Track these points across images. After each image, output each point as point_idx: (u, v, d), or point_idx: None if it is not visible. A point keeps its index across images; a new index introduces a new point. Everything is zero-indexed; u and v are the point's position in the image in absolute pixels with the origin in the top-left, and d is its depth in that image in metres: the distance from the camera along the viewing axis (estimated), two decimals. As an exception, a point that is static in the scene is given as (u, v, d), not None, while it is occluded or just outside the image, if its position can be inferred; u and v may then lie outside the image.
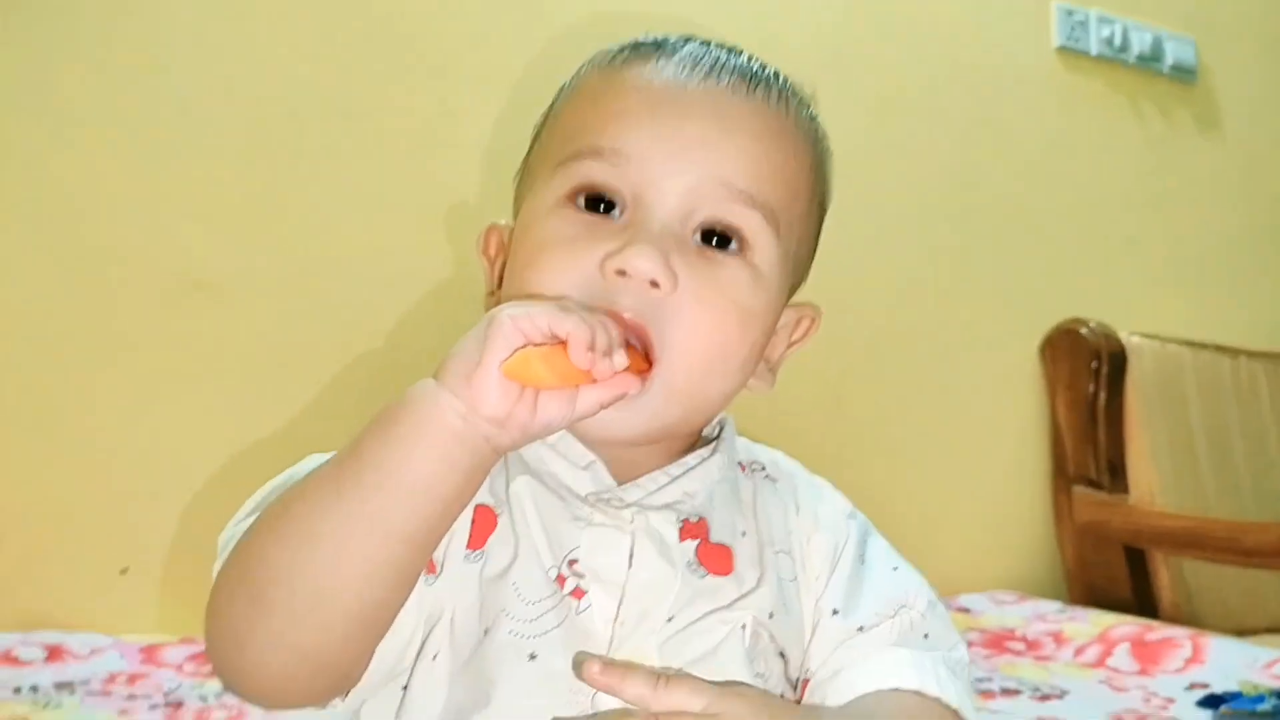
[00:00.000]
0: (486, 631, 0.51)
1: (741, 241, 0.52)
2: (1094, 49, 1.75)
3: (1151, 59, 1.81)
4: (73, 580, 1.10)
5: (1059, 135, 1.74)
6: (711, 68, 0.53)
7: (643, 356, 0.49)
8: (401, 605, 0.48)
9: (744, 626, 0.53)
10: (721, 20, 1.38)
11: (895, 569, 0.60)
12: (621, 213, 0.51)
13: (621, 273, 0.49)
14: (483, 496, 0.53)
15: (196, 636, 1.07)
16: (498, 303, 0.57)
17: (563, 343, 0.44)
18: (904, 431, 1.59)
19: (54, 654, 1.01)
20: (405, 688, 0.51)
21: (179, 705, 0.93)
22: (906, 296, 1.60)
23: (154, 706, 0.93)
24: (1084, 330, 1.69)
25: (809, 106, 0.57)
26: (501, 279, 0.58)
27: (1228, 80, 1.90)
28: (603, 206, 0.51)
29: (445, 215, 1.24)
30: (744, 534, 0.56)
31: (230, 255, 1.17)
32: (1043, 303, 1.72)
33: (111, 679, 0.98)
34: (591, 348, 0.43)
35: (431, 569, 0.51)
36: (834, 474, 1.21)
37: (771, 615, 0.54)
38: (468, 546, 0.52)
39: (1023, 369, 1.71)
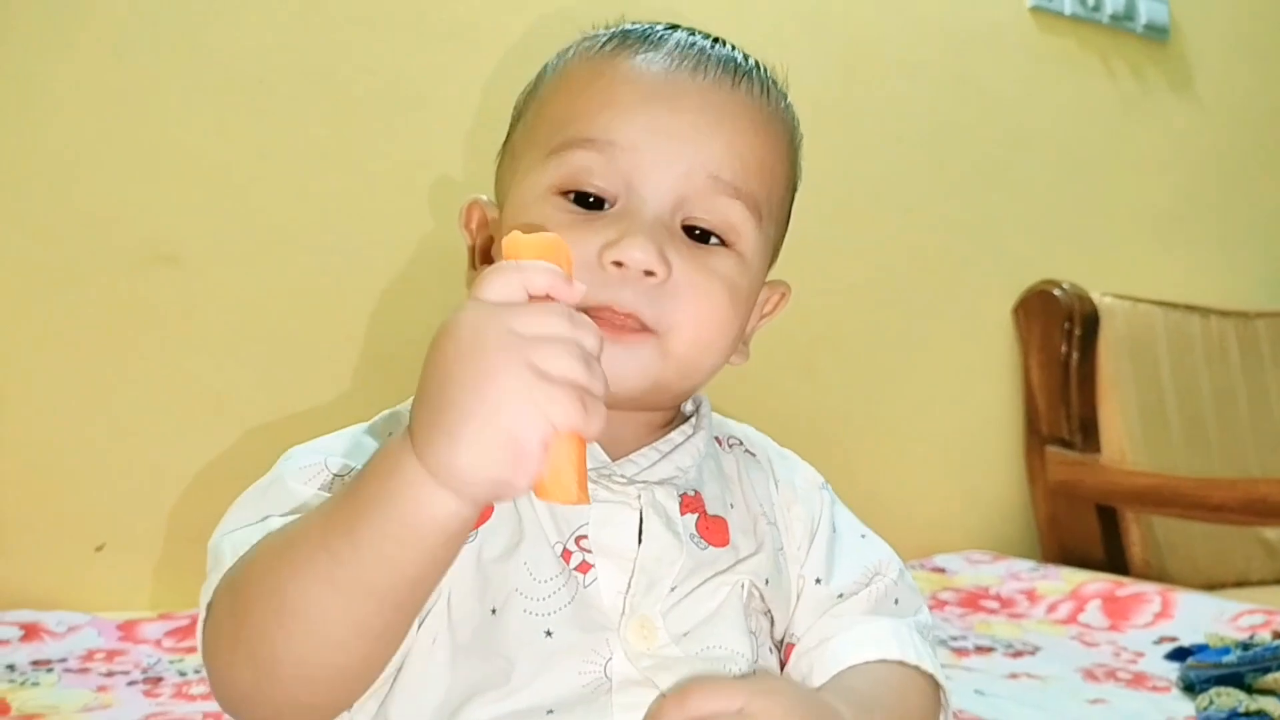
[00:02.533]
0: (494, 611, 0.51)
1: (728, 232, 0.54)
2: (1067, 8, 1.75)
3: (1124, 18, 1.81)
4: (47, 558, 1.09)
5: (1032, 95, 1.74)
6: (699, 60, 0.54)
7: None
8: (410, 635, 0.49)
9: (742, 586, 0.55)
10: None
11: (863, 536, 0.63)
12: (613, 203, 0.53)
13: (618, 264, 0.50)
14: None
15: (174, 612, 1.07)
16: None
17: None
18: (878, 396, 1.60)
19: (30, 632, 1.00)
20: (397, 672, 0.51)
21: (158, 681, 0.93)
22: (879, 260, 1.60)
23: (132, 683, 0.93)
24: (1057, 291, 1.70)
25: (785, 95, 0.59)
26: (484, 257, 0.59)
27: (1200, 39, 1.91)
28: (592, 199, 0.53)
29: (420, 186, 1.23)
30: (733, 506, 0.58)
31: (196, 227, 1.15)
32: (1016, 264, 1.73)
33: (89, 656, 0.97)
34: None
35: None
36: (809, 440, 1.21)
37: (767, 582, 0.57)
38: None
39: (996, 330, 1.73)
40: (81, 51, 1.10)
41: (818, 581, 0.59)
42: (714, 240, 0.54)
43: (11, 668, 0.93)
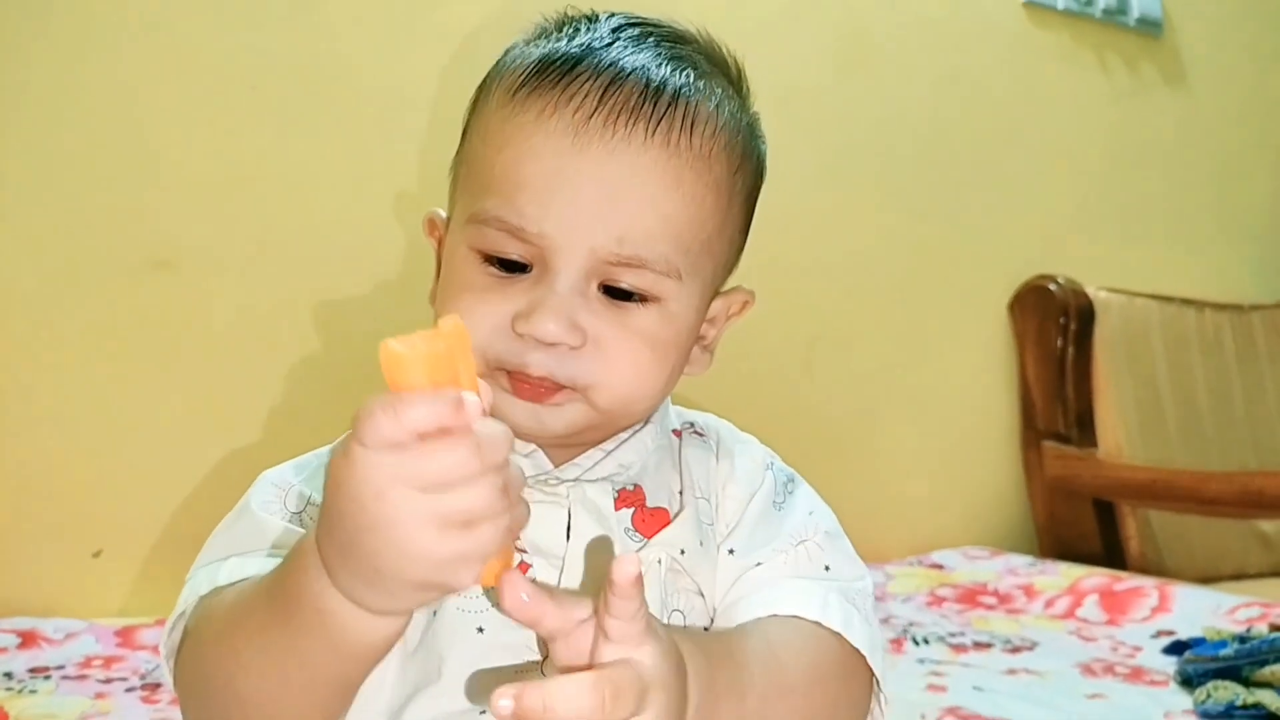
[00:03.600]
0: (435, 613, 0.53)
1: (646, 293, 0.55)
2: (1060, 3, 1.75)
3: (1117, 12, 1.81)
4: (44, 565, 1.09)
5: (1026, 90, 1.74)
6: (611, 109, 0.53)
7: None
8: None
9: (659, 561, 0.55)
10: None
11: (811, 513, 0.61)
12: (531, 268, 0.54)
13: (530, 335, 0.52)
14: None
15: (171, 617, 1.07)
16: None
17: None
18: (874, 393, 1.60)
19: (27, 640, 1.00)
20: None
21: (156, 686, 0.93)
22: (874, 256, 1.60)
23: (130, 689, 0.92)
24: (1052, 286, 1.71)
25: (729, 106, 0.57)
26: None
27: (1193, 33, 1.91)
28: (512, 263, 0.54)
29: (395, 198, 1.22)
30: (679, 493, 0.59)
31: (192, 232, 1.15)
32: (1011, 259, 1.73)
33: (87, 663, 0.97)
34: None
35: None
36: (807, 438, 1.21)
37: (683, 552, 0.57)
38: None
39: (992, 326, 1.73)
40: (74, 60, 1.09)
41: (731, 552, 0.58)
42: (635, 298, 0.55)
43: (9, 675, 0.93)
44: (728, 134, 0.57)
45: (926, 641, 1.19)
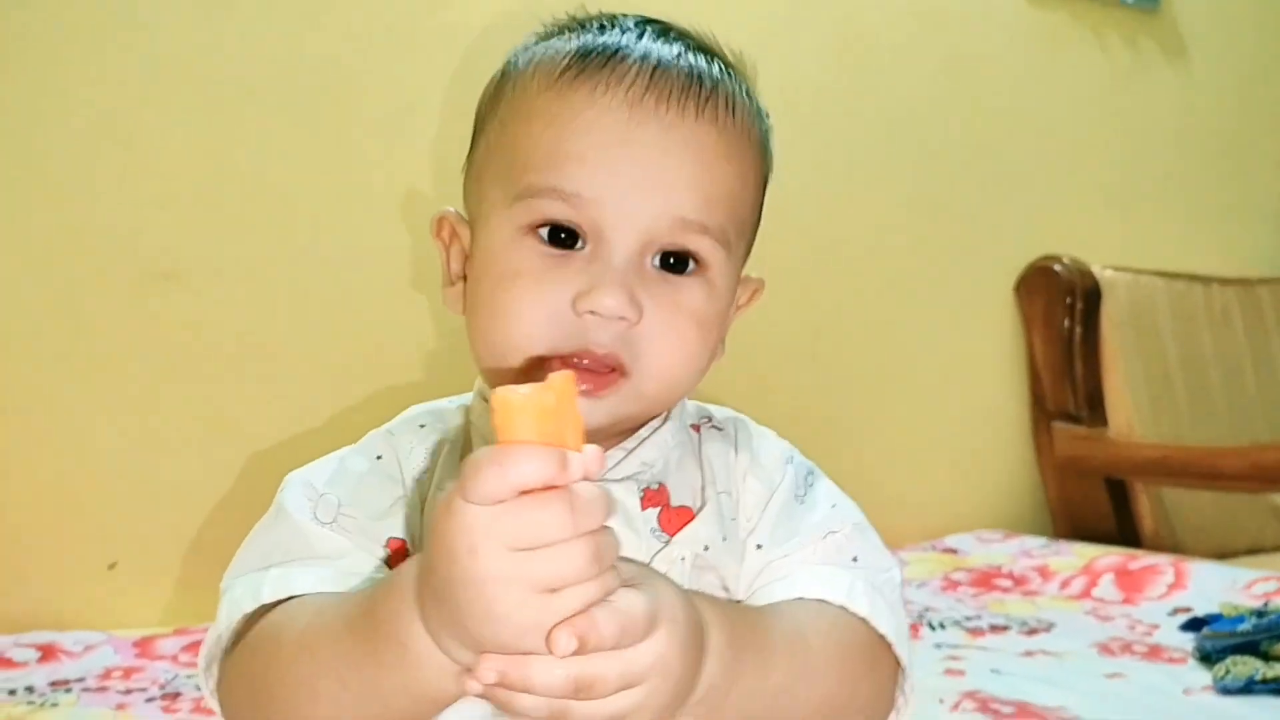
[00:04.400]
0: None
1: (698, 262, 0.56)
2: (1056, -18, 1.74)
3: (1114, -11, 1.80)
4: (61, 579, 1.10)
5: (1026, 72, 1.74)
6: (660, 90, 0.55)
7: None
8: None
9: (683, 559, 0.55)
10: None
11: (834, 506, 0.61)
12: (584, 244, 0.54)
13: (593, 312, 0.52)
14: None
15: (189, 627, 1.07)
16: (455, 299, 0.59)
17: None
18: (883, 381, 1.60)
19: (47, 653, 1.00)
20: None
21: (176, 696, 0.93)
22: (879, 243, 1.59)
23: (151, 699, 0.93)
24: (1058, 267, 1.70)
25: (753, 97, 0.60)
26: (458, 273, 0.60)
27: (1190, 7, 1.89)
28: (564, 237, 0.54)
29: (418, 193, 1.23)
30: (701, 489, 0.58)
31: (197, 243, 1.15)
32: (1016, 241, 1.72)
33: (107, 674, 0.98)
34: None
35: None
36: (816, 429, 1.21)
37: (707, 548, 0.56)
38: None
39: (998, 308, 1.72)
40: (76, 75, 1.10)
41: (759, 547, 0.58)
42: (689, 268, 0.55)
43: (30, 689, 0.94)
44: (758, 121, 0.59)
45: (943, 626, 1.19)
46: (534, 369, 0.53)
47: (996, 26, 1.71)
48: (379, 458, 0.57)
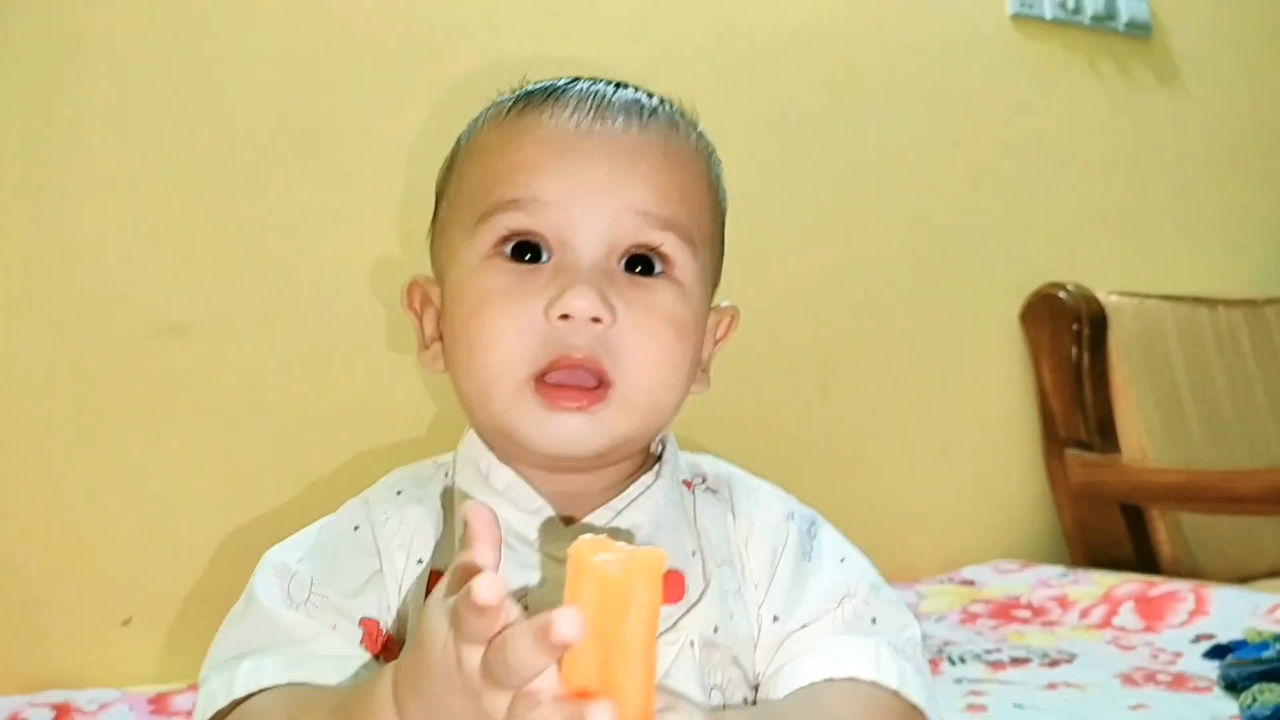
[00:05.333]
0: None
1: (664, 262, 0.55)
2: (1048, 13, 1.76)
3: (1106, 18, 1.82)
4: (74, 636, 1.10)
5: (1020, 102, 1.75)
6: (604, 108, 0.56)
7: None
8: None
9: (692, 644, 0.53)
10: (677, 15, 1.38)
11: (843, 560, 0.60)
12: (549, 257, 0.54)
13: (565, 316, 0.52)
14: (436, 561, 0.55)
15: (204, 682, 1.07)
16: (434, 359, 0.59)
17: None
18: (892, 412, 1.59)
19: (62, 713, 1.00)
20: None
21: (192, 753, 0.93)
22: (880, 277, 1.60)
23: (167, 757, 0.92)
24: (1062, 294, 1.70)
25: (696, 126, 0.61)
26: (433, 334, 0.60)
27: (1183, 33, 1.91)
28: (529, 255, 0.54)
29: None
30: (693, 553, 0.57)
31: (201, 296, 1.16)
32: (1019, 270, 1.73)
33: (122, 732, 0.97)
34: None
35: (389, 646, 0.53)
36: (826, 460, 1.21)
37: (716, 629, 0.55)
38: None
39: (1005, 337, 1.72)
40: (76, 131, 1.11)
41: (775, 619, 0.56)
42: (656, 270, 0.55)
43: (45, 750, 0.93)
44: (704, 147, 0.60)
45: (963, 660, 1.18)
46: (521, 391, 0.52)
47: (988, 57, 1.73)
48: (355, 529, 0.57)
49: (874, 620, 0.57)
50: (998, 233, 1.71)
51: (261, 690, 0.50)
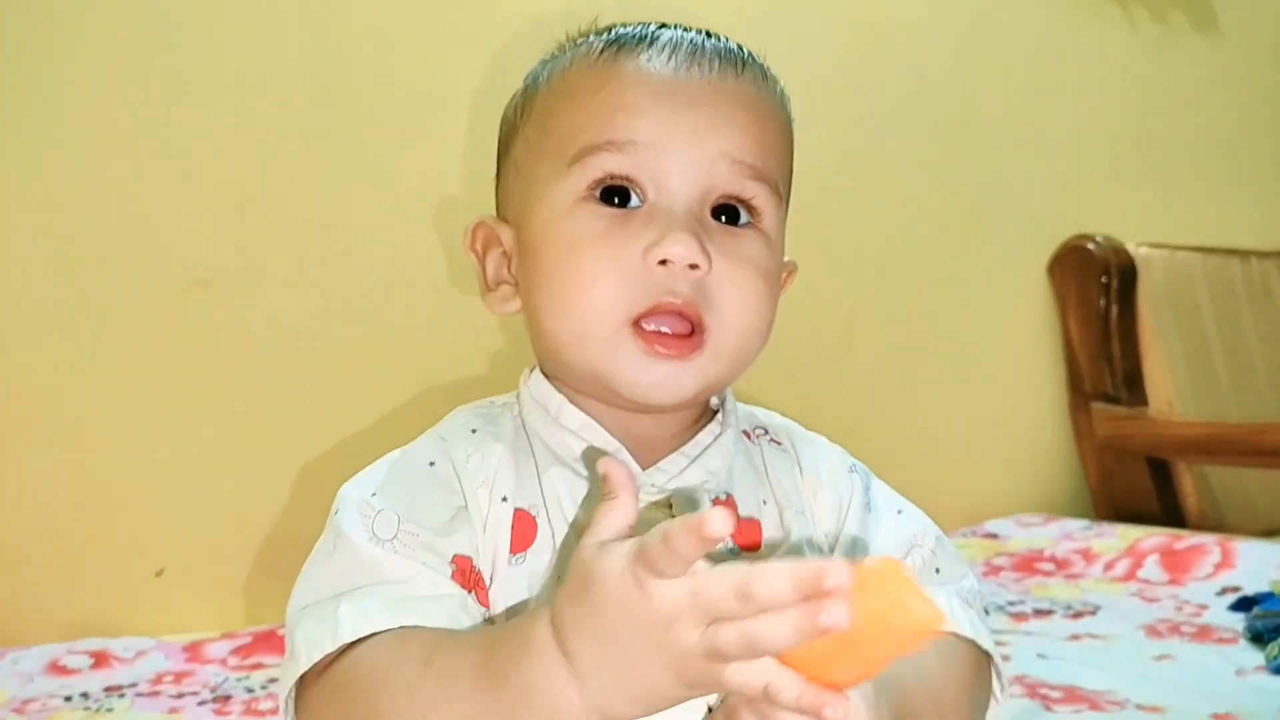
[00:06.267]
0: None
1: (753, 213, 0.56)
2: (1080, -43, 1.72)
3: (1140, -39, 1.77)
4: (111, 586, 1.12)
5: (1051, 49, 1.71)
6: (699, 55, 0.56)
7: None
8: None
9: None
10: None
11: (900, 512, 0.61)
12: (642, 201, 0.54)
13: (664, 261, 0.52)
14: (518, 499, 0.54)
15: (237, 630, 1.09)
16: (503, 300, 0.58)
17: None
18: (917, 365, 1.59)
19: (100, 660, 1.02)
20: None
21: (227, 699, 0.95)
22: (909, 228, 1.58)
23: (203, 702, 0.94)
24: (1091, 245, 1.68)
25: (779, 80, 0.61)
26: (497, 276, 0.59)
27: (1219, -24, 1.86)
28: (617, 199, 0.54)
29: (447, 195, 1.23)
30: (765, 502, 0.58)
31: (230, 250, 1.17)
32: (1047, 220, 1.70)
33: (158, 679, 0.99)
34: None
35: (479, 584, 0.53)
36: (852, 416, 1.20)
37: None
38: (511, 552, 0.53)
39: (1032, 289, 1.70)
40: (107, 83, 1.11)
41: None
42: (743, 220, 0.55)
43: (86, 695, 0.95)
44: (790, 107, 0.60)
45: (987, 612, 1.18)
46: (619, 335, 0.52)
47: (1020, 4, 1.68)
48: (432, 464, 0.55)
49: (938, 570, 0.59)
50: (1026, 183, 1.68)
51: (371, 635, 0.48)
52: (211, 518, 1.15)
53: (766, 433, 0.62)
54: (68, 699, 0.94)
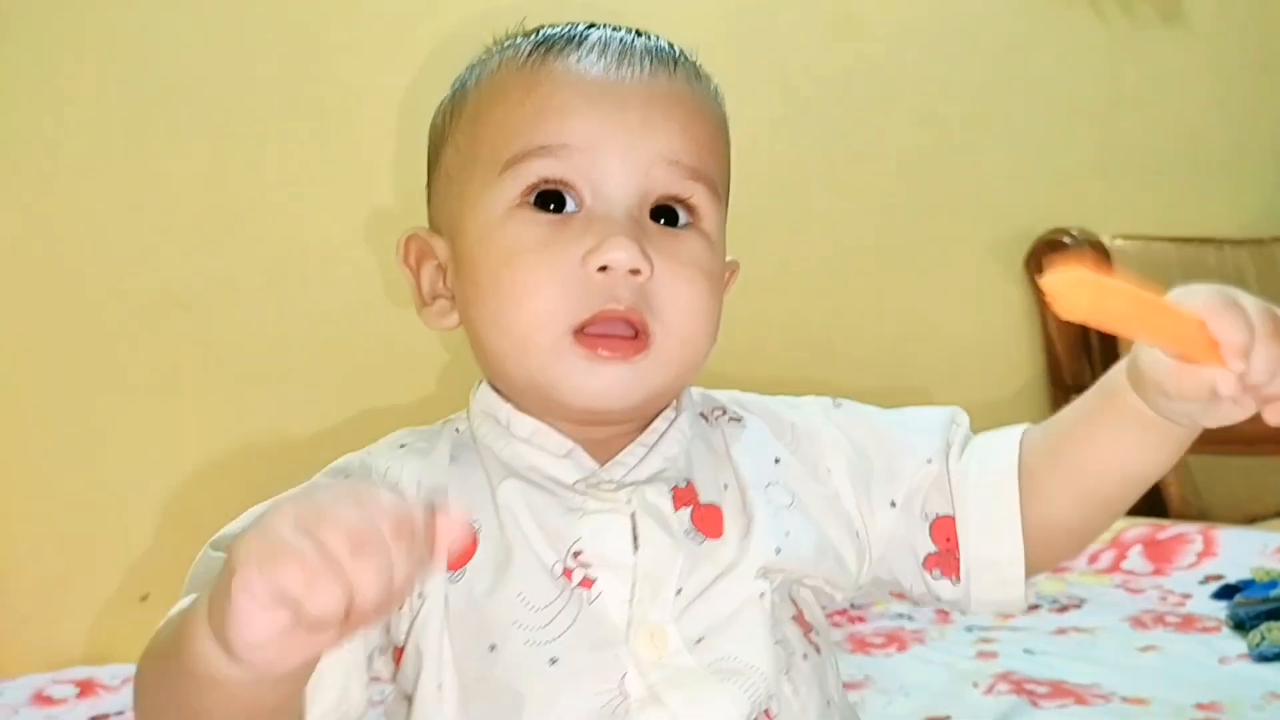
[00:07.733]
0: (493, 647, 0.50)
1: (692, 213, 0.54)
2: (1048, -48, 1.73)
3: (1107, -45, 1.78)
4: (94, 614, 1.11)
5: (1021, 44, 1.73)
6: (629, 55, 0.54)
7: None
8: None
9: (762, 595, 0.53)
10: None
11: (902, 412, 0.63)
12: (579, 206, 0.52)
13: (604, 268, 0.50)
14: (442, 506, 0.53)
15: (223, 654, 1.08)
16: (440, 315, 0.57)
17: None
18: (898, 366, 1.59)
19: (85, 689, 1.01)
20: None
21: (215, 724, 0.94)
22: (884, 227, 1.59)
23: (190, 728, 0.94)
24: (1067, 239, 1.69)
25: (712, 78, 0.60)
26: (433, 290, 0.58)
27: (1185, -33, 1.88)
28: (553, 205, 0.52)
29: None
30: (726, 487, 0.56)
31: (205, 270, 1.16)
32: (1022, 215, 1.71)
33: (145, 706, 0.99)
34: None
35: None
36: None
37: (779, 551, 0.54)
38: (449, 569, 0.51)
39: (1010, 284, 1.71)
40: (81, 109, 1.11)
41: (893, 504, 0.58)
42: (682, 221, 0.54)
43: (72, 726, 0.95)
44: (723, 104, 0.59)
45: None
46: (560, 344, 0.51)
47: (989, 1, 1.70)
48: (347, 475, 0.55)
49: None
50: (1001, 178, 1.69)
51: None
52: (196, 540, 1.14)
53: (725, 412, 0.60)
54: (53, 730, 0.94)
